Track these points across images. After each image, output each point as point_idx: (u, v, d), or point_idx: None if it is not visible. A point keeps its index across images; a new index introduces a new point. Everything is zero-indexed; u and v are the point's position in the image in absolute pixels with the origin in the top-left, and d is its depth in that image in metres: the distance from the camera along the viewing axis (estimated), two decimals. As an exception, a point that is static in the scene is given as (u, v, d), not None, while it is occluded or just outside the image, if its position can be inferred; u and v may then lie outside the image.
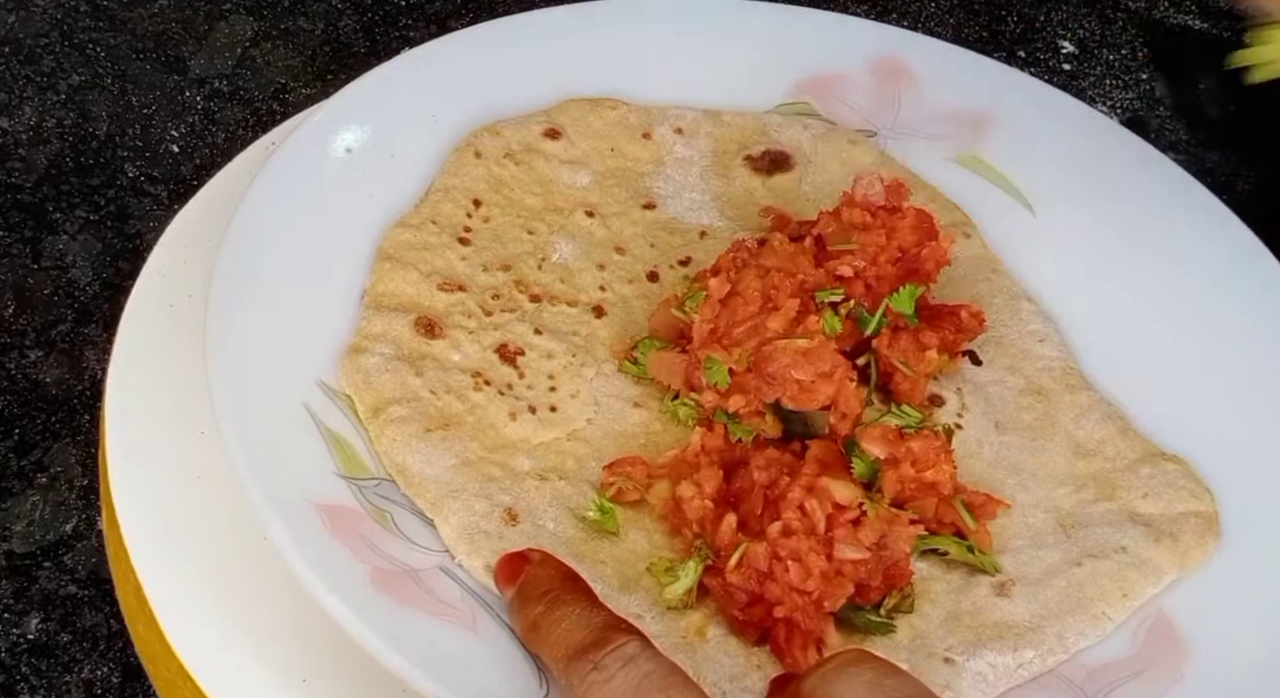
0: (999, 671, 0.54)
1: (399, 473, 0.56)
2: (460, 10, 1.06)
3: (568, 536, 0.56)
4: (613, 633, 0.48)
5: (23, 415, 0.82)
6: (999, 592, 0.57)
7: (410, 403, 0.58)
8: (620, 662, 0.47)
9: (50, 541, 0.78)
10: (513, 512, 0.56)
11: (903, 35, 0.79)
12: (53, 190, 0.92)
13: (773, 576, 0.53)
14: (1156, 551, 0.58)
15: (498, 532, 0.55)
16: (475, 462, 0.57)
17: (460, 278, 0.64)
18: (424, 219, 0.65)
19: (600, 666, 0.47)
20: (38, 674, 0.74)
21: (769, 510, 0.54)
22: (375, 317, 0.61)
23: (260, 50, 1.02)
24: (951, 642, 0.55)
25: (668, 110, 0.73)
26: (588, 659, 0.47)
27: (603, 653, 0.47)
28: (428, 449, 0.57)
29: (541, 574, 0.52)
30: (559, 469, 0.58)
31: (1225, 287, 0.67)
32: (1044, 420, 0.63)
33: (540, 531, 0.56)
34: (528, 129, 0.70)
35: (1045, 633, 0.55)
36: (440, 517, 0.55)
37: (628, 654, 0.47)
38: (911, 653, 0.54)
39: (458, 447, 0.58)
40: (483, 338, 0.62)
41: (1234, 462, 0.62)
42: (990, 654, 0.55)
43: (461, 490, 0.56)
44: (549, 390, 0.61)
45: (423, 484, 0.56)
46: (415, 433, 0.57)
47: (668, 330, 0.62)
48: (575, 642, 0.48)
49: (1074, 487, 0.61)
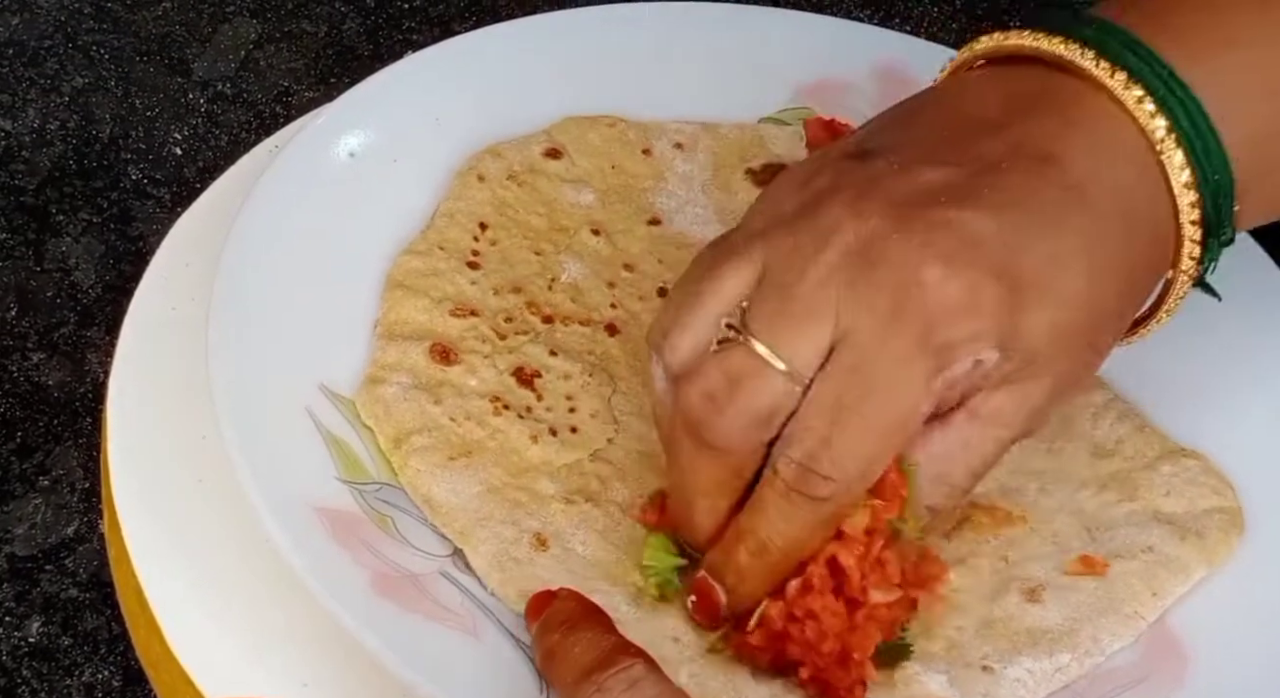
0: (1037, 676, 0.54)
1: (425, 503, 0.56)
2: (463, 13, 1.06)
3: (597, 558, 0.56)
4: (619, 656, 0.48)
5: (25, 418, 0.82)
6: (1030, 598, 0.57)
7: (431, 432, 0.58)
8: (624, 684, 0.46)
9: (52, 544, 0.78)
10: (541, 537, 0.56)
11: (906, 41, 0.79)
12: (56, 193, 0.92)
13: (790, 637, 0.52)
14: (1183, 548, 0.58)
15: (528, 558, 0.55)
16: (500, 488, 0.57)
17: (472, 302, 0.64)
18: (431, 245, 0.65)
19: (604, 688, 0.46)
20: (39, 678, 0.74)
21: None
22: (389, 346, 0.61)
23: (264, 53, 1.03)
24: (987, 650, 0.55)
25: (665, 126, 0.72)
26: (591, 681, 0.47)
27: (606, 674, 0.47)
28: (452, 478, 0.57)
29: (563, 607, 0.52)
30: (584, 491, 0.58)
31: (1232, 278, 0.67)
32: (1061, 422, 0.63)
33: (570, 554, 0.56)
34: (528, 149, 0.70)
35: (1079, 636, 0.55)
36: (470, 546, 0.55)
37: (632, 677, 0.46)
38: (949, 664, 0.54)
39: (482, 474, 0.58)
40: (498, 362, 0.62)
41: (1245, 460, 0.62)
42: (1027, 660, 0.55)
43: (489, 518, 0.56)
44: (568, 411, 0.61)
45: (450, 514, 0.56)
46: (439, 462, 0.57)
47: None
48: (583, 664, 0.48)
49: (1096, 488, 0.61)
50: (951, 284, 0.50)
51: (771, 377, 0.50)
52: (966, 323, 0.50)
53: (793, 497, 0.51)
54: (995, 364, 0.51)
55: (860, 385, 0.50)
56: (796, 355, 0.50)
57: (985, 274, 0.50)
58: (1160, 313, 0.57)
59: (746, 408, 0.51)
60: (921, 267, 0.50)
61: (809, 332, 0.50)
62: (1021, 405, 0.52)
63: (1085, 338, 0.53)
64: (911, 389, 0.50)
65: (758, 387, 0.50)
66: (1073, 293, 0.52)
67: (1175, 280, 0.55)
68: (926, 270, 0.50)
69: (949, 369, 0.50)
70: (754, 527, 0.52)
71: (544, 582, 0.54)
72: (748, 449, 0.51)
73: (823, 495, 0.51)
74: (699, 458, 0.52)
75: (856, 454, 0.50)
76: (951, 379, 0.51)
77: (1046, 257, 0.51)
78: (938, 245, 0.50)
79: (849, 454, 0.50)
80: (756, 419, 0.51)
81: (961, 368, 0.51)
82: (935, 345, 0.50)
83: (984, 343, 0.50)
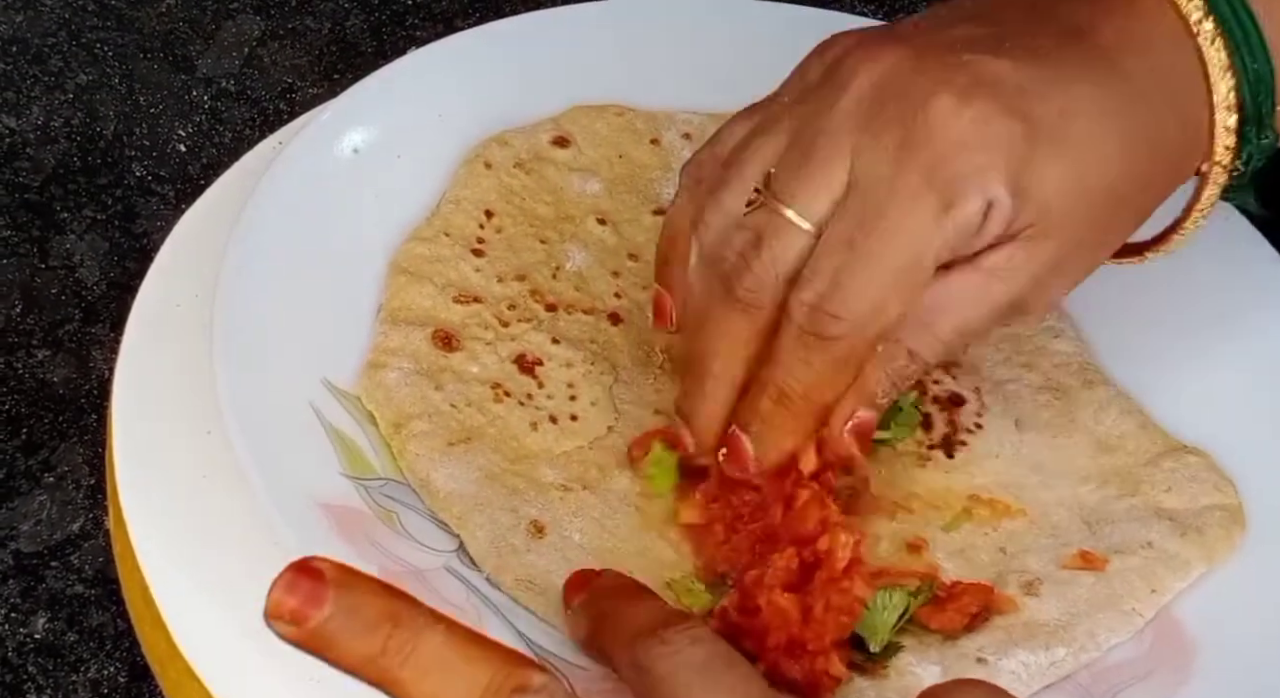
0: (1032, 669, 0.54)
1: (424, 488, 0.57)
2: (467, 9, 1.06)
3: (594, 547, 0.56)
4: (683, 617, 0.47)
5: (30, 415, 0.82)
6: (1027, 591, 0.57)
7: (432, 417, 0.58)
8: (688, 640, 0.45)
9: (57, 540, 0.79)
10: (539, 524, 0.56)
11: (910, 35, 0.79)
12: (60, 190, 0.92)
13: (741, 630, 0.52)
14: (1183, 545, 0.58)
15: (525, 545, 0.55)
16: (499, 475, 0.57)
17: (475, 290, 0.64)
18: (436, 232, 0.65)
19: (667, 639, 0.45)
20: (44, 674, 0.74)
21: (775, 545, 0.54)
22: (392, 331, 0.61)
23: (267, 50, 1.03)
24: (983, 642, 0.55)
25: (674, 115, 0.72)
26: (655, 635, 0.46)
27: (671, 630, 0.46)
28: (451, 463, 0.57)
29: (616, 581, 0.52)
30: (582, 479, 0.58)
31: (1233, 275, 0.67)
32: (1063, 417, 0.63)
33: (567, 542, 0.56)
34: (536, 137, 0.70)
35: (1076, 631, 0.55)
36: (467, 532, 0.55)
37: (697, 635, 0.46)
38: (944, 655, 0.54)
39: (480, 460, 0.58)
40: (500, 349, 0.62)
41: (1247, 457, 0.62)
42: (1022, 654, 0.54)
43: (487, 504, 0.56)
44: (569, 399, 0.61)
45: (448, 499, 0.56)
46: (438, 447, 0.57)
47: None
48: (644, 623, 0.47)
49: (1097, 483, 0.61)
50: (962, 115, 0.50)
51: (793, 232, 0.52)
52: (975, 155, 0.50)
53: (806, 339, 0.52)
54: (1006, 215, 0.51)
55: (869, 224, 0.51)
56: (813, 207, 0.52)
57: (998, 109, 0.51)
58: (1194, 213, 0.56)
59: (772, 263, 0.52)
60: (932, 99, 0.51)
61: (824, 181, 0.52)
62: (1024, 264, 0.52)
63: (1099, 206, 0.53)
64: (920, 226, 0.51)
65: (782, 242, 0.52)
66: (1088, 151, 0.52)
67: (1209, 174, 0.55)
68: (936, 102, 0.51)
69: (958, 208, 0.51)
70: (773, 375, 0.54)
71: (541, 569, 0.54)
72: (773, 306, 0.53)
73: (834, 335, 0.52)
74: (725, 318, 0.54)
75: (865, 293, 0.51)
76: (963, 222, 0.51)
77: (1061, 109, 0.51)
78: (952, 81, 0.51)
79: (858, 293, 0.51)
80: (782, 275, 0.53)
81: (973, 207, 0.51)
82: (943, 179, 0.50)
83: (993, 178, 0.50)
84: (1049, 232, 0.52)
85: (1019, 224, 0.51)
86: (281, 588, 0.40)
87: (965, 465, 0.61)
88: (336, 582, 0.40)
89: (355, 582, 0.40)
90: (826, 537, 0.52)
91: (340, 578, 0.40)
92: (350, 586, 0.40)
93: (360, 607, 0.40)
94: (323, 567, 0.40)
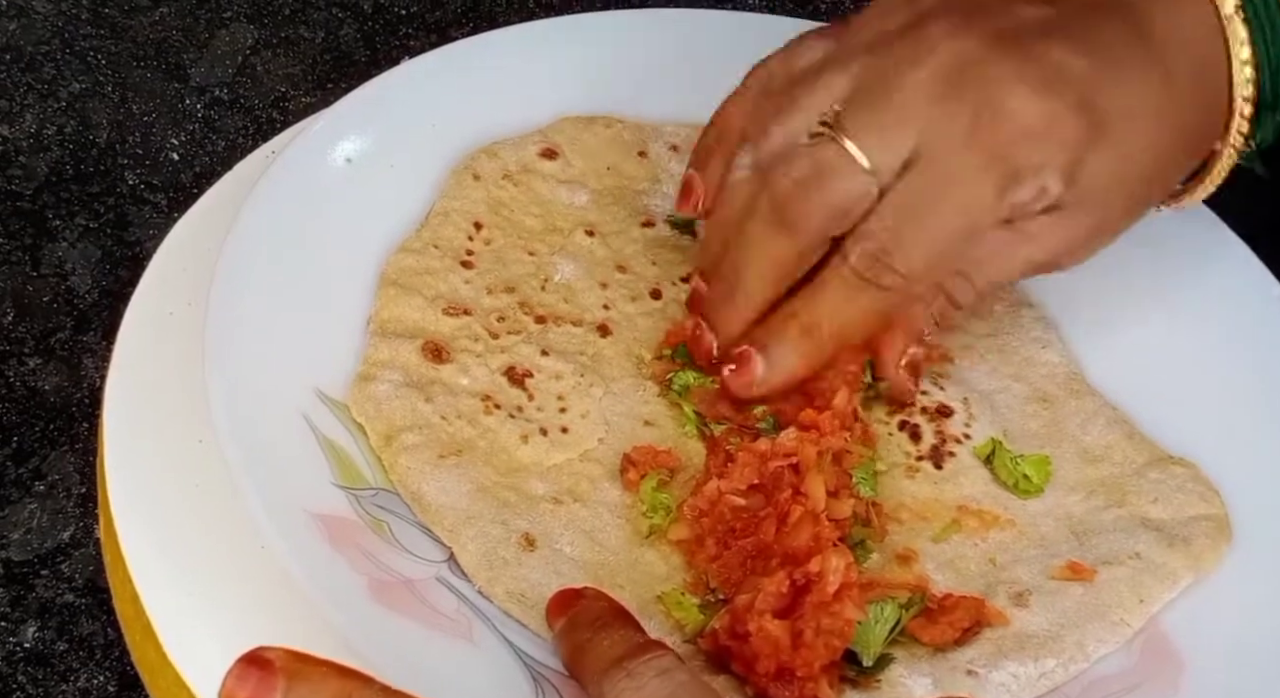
0: (1021, 681, 0.54)
1: (415, 501, 0.57)
2: (460, 19, 1.06)
3: (585, 559, 0.56)
4: (650, 646, 0.48)
5: (21, 423, 0.82)
6: (1016, 602, 0.57)
7: (422, 430, 0.58)
8: (654, 672, 0.46)
9: (48, 548, 0.78)
10: (530, 537, 0.56)
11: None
12: (53, 198, 0.92)
13: (731, 653, 0.52)
14: (1170, 555, 0.58)
15: (516, 558, 0.55)
16: (490, 487, 0.57)
17: (465, 301, 0.64)
18: (425, 243, 0.65)
19: (633, 673, 0.47)
20: (34, 683, 0.74)
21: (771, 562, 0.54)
22: (382, 343, 0.61)
23: (261, 58, 1.03)
24: (972, 654, 0.55)
25: (661, 128, 0.73)
26: (622, 668, 0.47)
27: (637, 662, 0.47)
28: (442, 476, 0.57)
29: (593, 606, 0.52)
30: (573, 492, 0.58)
31: (1218, 285, 0.67)
32: (1051, 427, 0.64)
33: (558, 555, 0.56)
34: (524, 149, 0.70)
35: (1065, 642, 0.56)
36: (458, 545, 0.55)
37: (662, 666, 0.47)
38: (934, 667, 0.54)
39: (471, 473, 0.58)
40: (490, 361, 0.62)
41: (1233, 466, 0.62)
42: (1012, 665, 0.55)
43: (478, 517, 0.56)
44: (559, 411, 0.61)
45: (439, 512, 0.56)
46: (429, 460, 0.57)
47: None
48: (613, 655, 0.48)
49: (1084, 494, 0.61)
50: (1033, 110, 0.55)
51: (857, 174, 0.56)
52: (1041, 149, 0.56)
53: (859, 283, 0.58)
54: (1055, 197, 0.56)
55: (935, 191, 0.56)
56: (881, 158, 0.56)
57: (1068, 107, 0.55)
58: (1206, 181, 0.61)
59: (829, 198, 0.57)
60: (1008, 90, 0.55)
61: (895, 139, 0.56)
62: (1063, 235, 0.58)
63: (1139, 189, 0.59)
64: (982, 200, 0.56)
65: (843, 181, 0.56)
66: (1140, 144, 0.57)
67: (1221, 153, 0.60)
68: (1012, 94, 0.55)
69: (1016, 190, 0.56)
70: (810, 307, 0.58)
71: (532, 582, 0.54)
72: (819, 237, 0.58)
73: (887, 285, 0.57)
74: (769, 238, 0.58)
75: (925, 252, 0.57)
76: (1018, 202, 0.56)
77: (1124, 105, 0.56)
78: (1027, 74, 0.55)
79: (918, 251, 0.57)
80: (836, 210, 0.57)
81: (1029, 191, 0.56)
82: (1009, 165, 0.56)
83: (1053, 171, 0.56)
84: (1089, 209, 0.57)
85: (1064, 202, 0.57)
86: (232, 679, 0.42)
87: (954, 476, 0.61)
88: (286, 670, 0.41)
89: (305, 668, 0.42)
90: (818, 558, 0.52)
91: (290, 666, 0.42)
92: (300, 673, 0.42)
93: (311, 694, 0.41)
94: (272, 656, 0.42)
